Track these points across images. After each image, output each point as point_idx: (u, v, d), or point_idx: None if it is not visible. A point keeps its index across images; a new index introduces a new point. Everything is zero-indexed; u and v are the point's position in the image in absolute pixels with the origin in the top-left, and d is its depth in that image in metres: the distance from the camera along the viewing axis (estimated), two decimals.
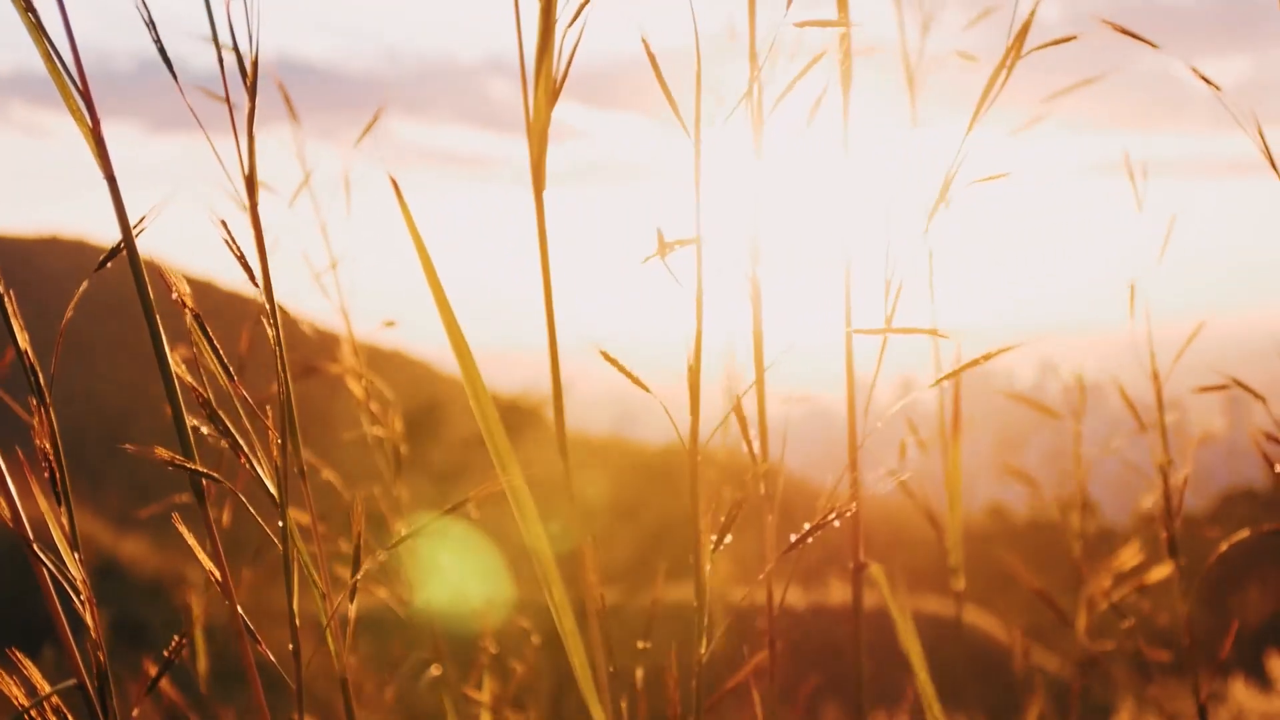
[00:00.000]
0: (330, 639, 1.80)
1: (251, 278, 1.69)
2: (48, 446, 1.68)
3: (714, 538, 1.90)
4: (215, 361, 1.70)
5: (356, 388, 3.00)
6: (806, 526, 1.92)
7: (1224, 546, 2.86)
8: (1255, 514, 34.19)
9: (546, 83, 1.73)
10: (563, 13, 1.72)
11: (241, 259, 1.68)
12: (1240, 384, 2.65)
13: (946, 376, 2.06)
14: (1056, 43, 1.94)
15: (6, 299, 1.64)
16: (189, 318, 1.68)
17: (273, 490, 1.72)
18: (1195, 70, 2.56)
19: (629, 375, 1.82)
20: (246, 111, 1.71)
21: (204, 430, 1.71)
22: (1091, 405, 3.38)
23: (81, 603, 1.67)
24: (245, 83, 1.71)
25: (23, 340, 1.68)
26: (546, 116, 1.74)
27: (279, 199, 2.95)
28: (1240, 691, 7.03)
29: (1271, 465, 2.64)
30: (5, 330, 1.68)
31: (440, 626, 3.27)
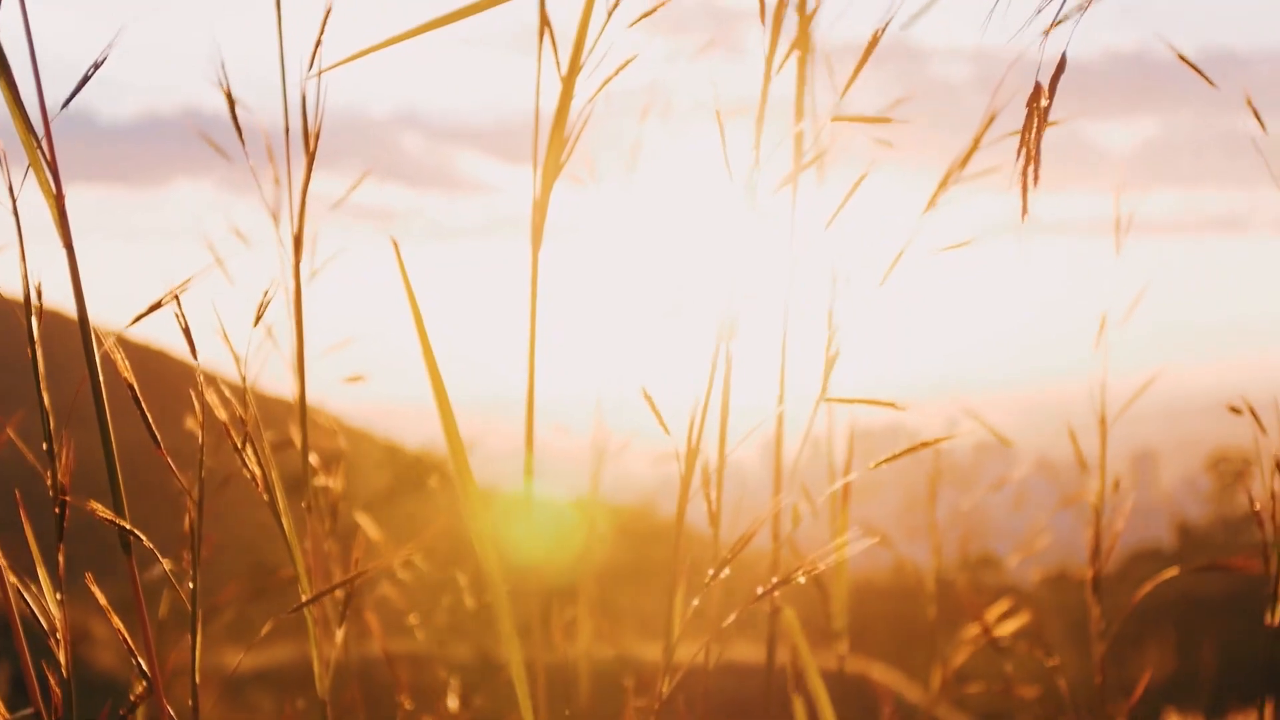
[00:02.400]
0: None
1: (193, 352, 1.69)
2: None
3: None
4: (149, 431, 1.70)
5: (297, 440, 2.98)
6: (761, 590, 1.92)
7: (1130, 599, 2.89)
8: (1161, 572, 34.31)
9: (555, 154, 1.74)
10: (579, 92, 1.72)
11: (186, 331, 1.69)
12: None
13: (886, 460, 2.08)
14: (1015, 134, 1.96)
15: None
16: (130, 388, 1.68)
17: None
18: (1257, 116, 2.58)
19: (659, 418, 1.82)
20: (302, 181, 1.73)
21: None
22: (1000, 462, 3.41)
23: None
24: (306, 149, 1.73)
25: None
26: (550, 186, 1.75)
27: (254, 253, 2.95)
28: None
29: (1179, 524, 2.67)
30: None
31: (355, 678, 3.25)
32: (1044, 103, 1.38)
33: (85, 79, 1.65)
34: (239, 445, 1.75)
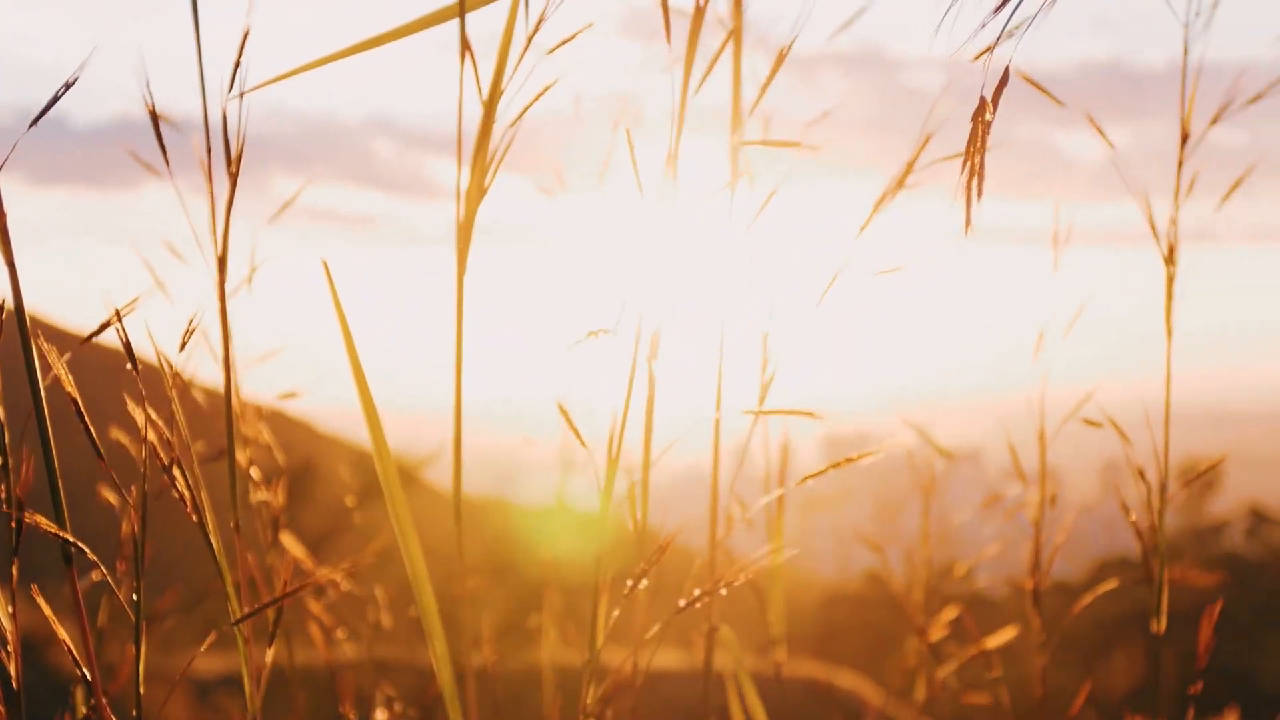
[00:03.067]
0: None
1: (134, 368, 1.68)
2: None
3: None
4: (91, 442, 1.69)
5: (242, 456, 2.97)
6: (696, 592, 1.92)
7: (1077, 607, 2.90)
8: (1129, 582, 34.43)
9: (479, 179, 1.74)
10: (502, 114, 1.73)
11: (127, 346, 1.68)
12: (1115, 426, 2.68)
13: (817, 473, 2.09)
14: (954, 158, 1.96)
15: None
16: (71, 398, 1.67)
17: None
18: (1100, 131, 2.60)
19: (573, 428, 1.83)
20: (226, 202, 1.72)
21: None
22: (968, 472, 3.42)
23: None
24: (229, 171, 1.72)
25: None
26: (475, 211, 1.76)
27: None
28: None
29: (1142, 535, 2.68)
30: None
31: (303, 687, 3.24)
32: (988, 117, 1.37)
33: (54, 99, 1.63)
34: (166, 466, 1.73)
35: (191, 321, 1.77)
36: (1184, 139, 2.60)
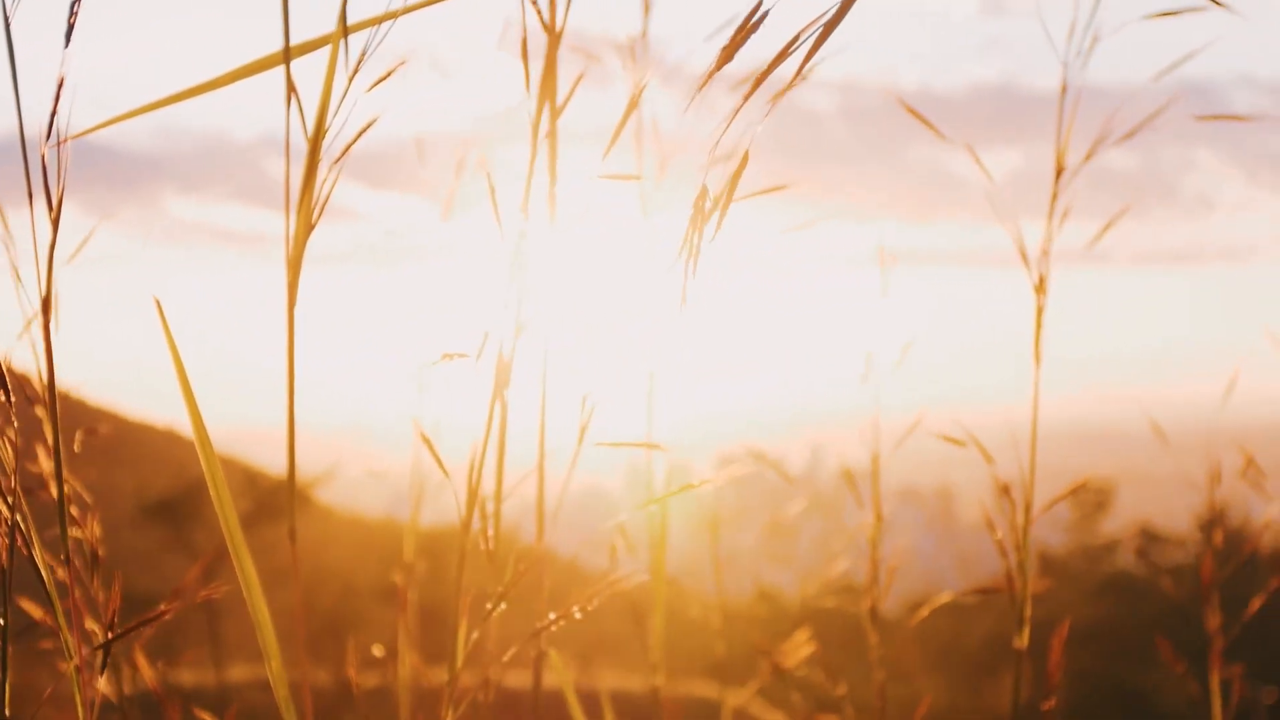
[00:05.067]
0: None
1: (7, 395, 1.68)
2: None
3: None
4: None
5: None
6: (576, 609, 1.93)
7: (924, 612, 2.93)
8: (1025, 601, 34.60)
9: (305, 217, 1.77)
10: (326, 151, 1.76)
11: None
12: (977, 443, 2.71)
13: (650, 502, 2.12)
14: (767, 191, 1.98)
15: None
16: None
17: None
18: (976, 159, 2.64)
19: (435, 455, 1.84)
20: (49, 245, 1.71)
21: None
22: (865, 490, 3.43)
23: None
24: (50, 217, 1.72)
25: None
26: (303, 247, 1.78)
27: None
28: None
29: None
30: None
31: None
32: (707, 206, 1.37)
33: None
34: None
35: (4, 357, 1.77)
36: (1059, 172, 2.64)
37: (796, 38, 1.31)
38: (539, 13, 1.85)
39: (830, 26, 1.32)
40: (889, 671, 3.40)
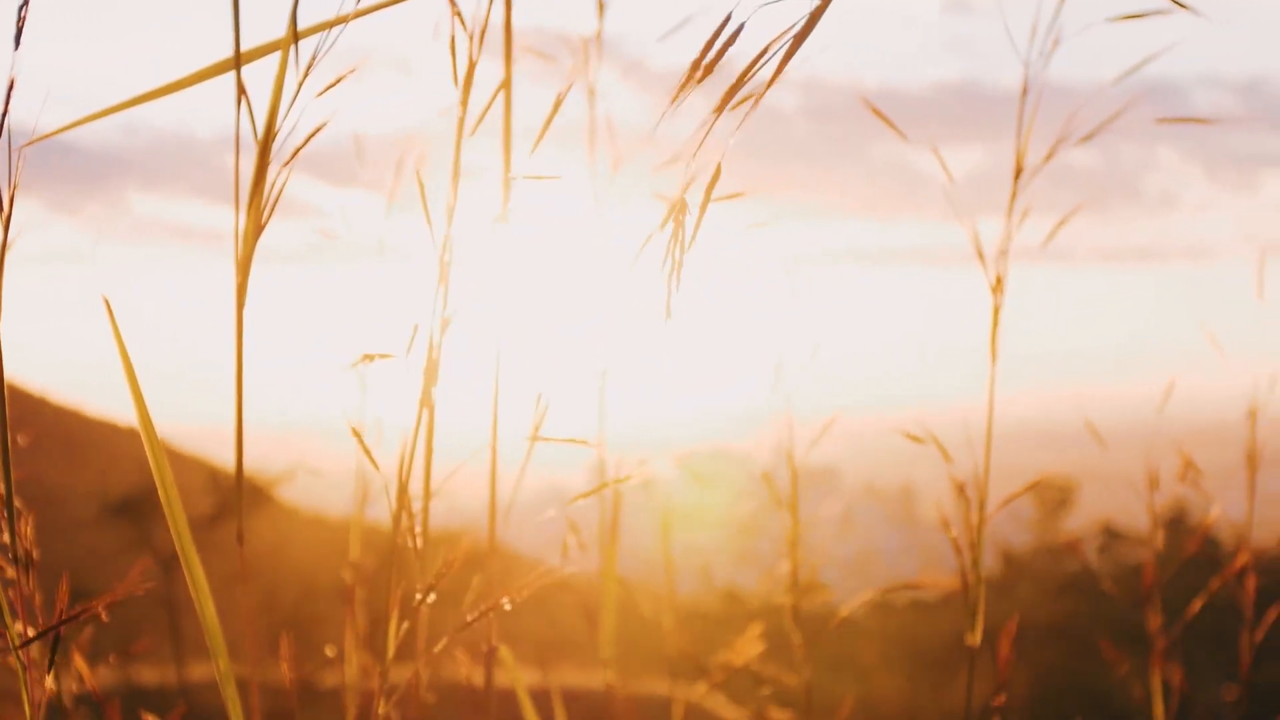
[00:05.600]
0: None
1: None
2: None
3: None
4: None
5: (91, 477, 2.94)
6: (470, 618, 1.93)
7: (842, 605, 2.94)
8: (985, 598, 34.70)
9: (255, 218, 1.77)
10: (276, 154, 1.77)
11: None
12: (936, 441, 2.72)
13: (587, 494, 2.14)
14: (728, 197, 1.98)
15: None
16: None
17: None
18: (939, 158, 2.64)
19: (367, 452, 1.84)
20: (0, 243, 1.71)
21: None
22: (829, 488, 3.45)
23: None
24: (1, 218, 1.71)
25: None
26: (252, 248, 1.79)
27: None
28: None
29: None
30: None
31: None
32: (687, 217, 1.36)
33: None
34: None
35: None
36: (1018, 172, 2.66)
37: (766, 50, 1.31)
38: (458, 15, 1.85)
39: (800, 38, 1.32)
40: (852, 670, 3.42)
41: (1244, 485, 3.48)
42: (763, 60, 1.32)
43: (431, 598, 1.88)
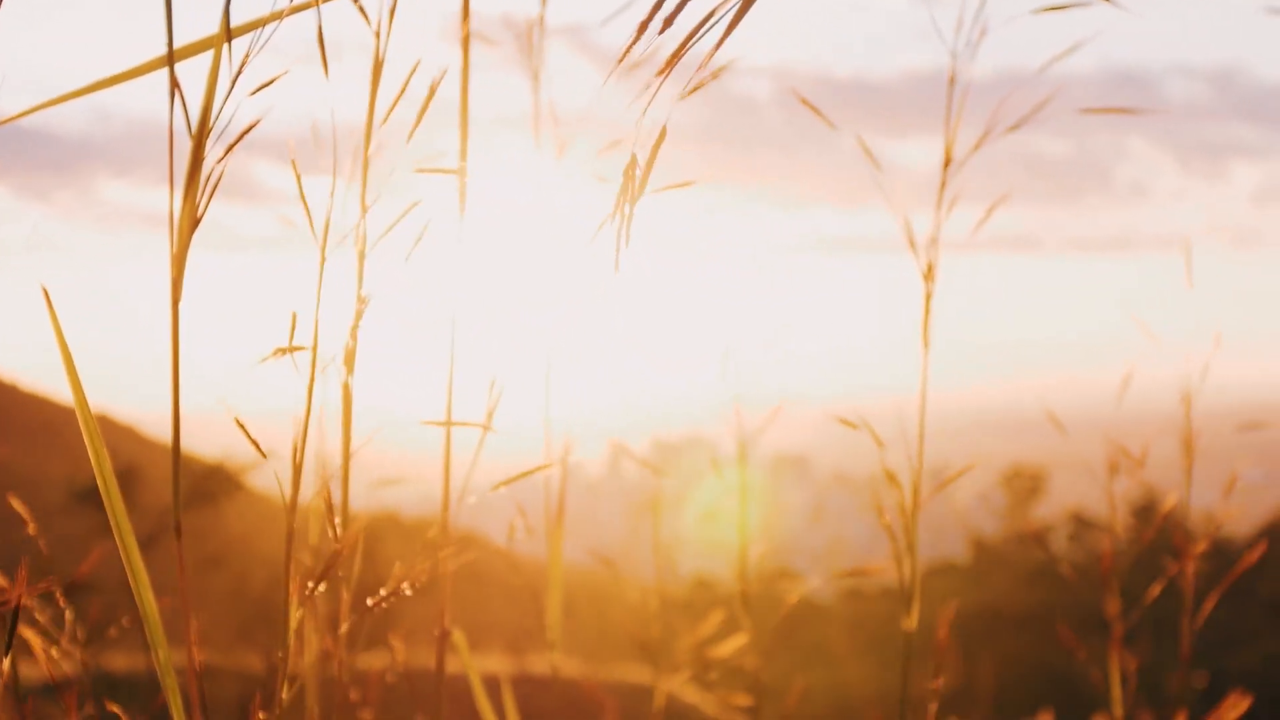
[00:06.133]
0: None
1: None
2: None
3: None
4: None
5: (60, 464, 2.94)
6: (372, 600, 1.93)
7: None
8: (957, 586, 34.98)
9: (190, 212, 1.79)
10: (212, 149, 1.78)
11: None
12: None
13: (502, 484, 2.16)
14: (678, 185, 1.99)
15: None
16: None
17: None
18: (869, 153, 2.68)
19: (250, 438, 1.84)
20: None
21: None
22: (799, 476, 3.47)
23: None
24: None
25: None
26: (187, 241, 1.80)
27: None
28: None
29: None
30: None
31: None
32: (638, 173, 1.37)
33: None
34: None
35: None
36: (946, 162, 2.70)
37: (710, 15, 1.31)
38: (360, 8, 1.88)
39: (746, 5, 1.32)
40: (822, 657, 3.44)
41: (1203, 474, 3.53)
42: (707, 26, 1.32)
43: (323, 587, 1.88)
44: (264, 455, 1.84)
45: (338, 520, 1.88)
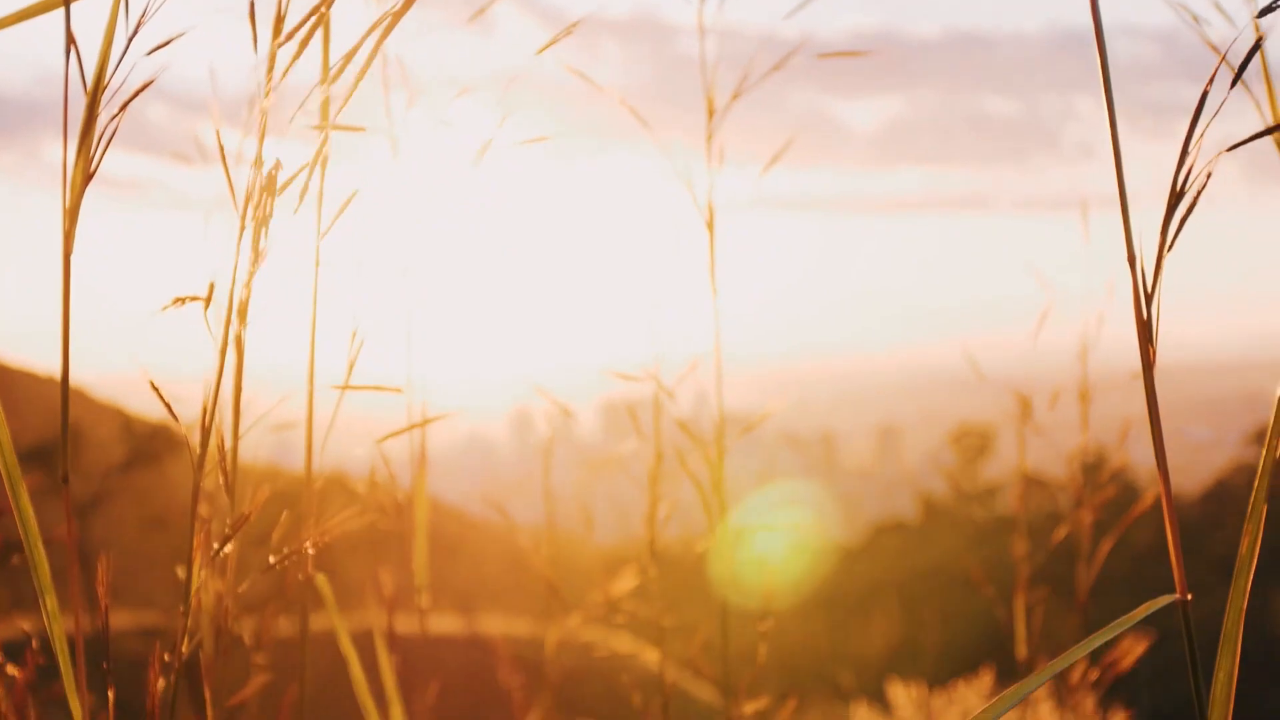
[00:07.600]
0: None
1: None
2: None
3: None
4: None
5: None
6: (273, 560, 1.92)
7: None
8: (905, 545, 35.09)
9: (83, 167, 1.78)
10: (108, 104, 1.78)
11: None
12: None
13: (388, 436, 2.19)
14: (534, 140, 1.99)
15: None
16: None
17: None
18: (634, 112, 2.71)
19: (162, 398, 1.83)
20: None
21: None
22: (749, 437, 3.47)
23: None
24: None
25: None
26: (79, 197, 1.80)
27: None
28: (862, 715, 7.18)
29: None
30: None
31: None
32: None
33: None
34: None
35: None
36: (710, 114, 2.77)
37: None
38: None
39: None
40: (765, 613, 3.46)
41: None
42: None
43: (229, 548, 1.87)
44: (176, 417, 1.82)
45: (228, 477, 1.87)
